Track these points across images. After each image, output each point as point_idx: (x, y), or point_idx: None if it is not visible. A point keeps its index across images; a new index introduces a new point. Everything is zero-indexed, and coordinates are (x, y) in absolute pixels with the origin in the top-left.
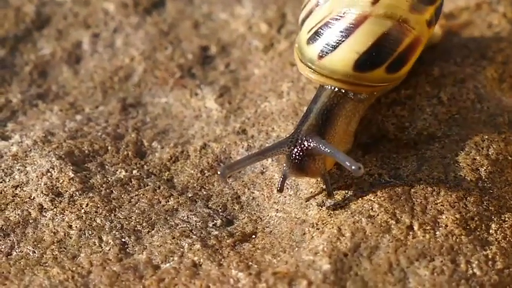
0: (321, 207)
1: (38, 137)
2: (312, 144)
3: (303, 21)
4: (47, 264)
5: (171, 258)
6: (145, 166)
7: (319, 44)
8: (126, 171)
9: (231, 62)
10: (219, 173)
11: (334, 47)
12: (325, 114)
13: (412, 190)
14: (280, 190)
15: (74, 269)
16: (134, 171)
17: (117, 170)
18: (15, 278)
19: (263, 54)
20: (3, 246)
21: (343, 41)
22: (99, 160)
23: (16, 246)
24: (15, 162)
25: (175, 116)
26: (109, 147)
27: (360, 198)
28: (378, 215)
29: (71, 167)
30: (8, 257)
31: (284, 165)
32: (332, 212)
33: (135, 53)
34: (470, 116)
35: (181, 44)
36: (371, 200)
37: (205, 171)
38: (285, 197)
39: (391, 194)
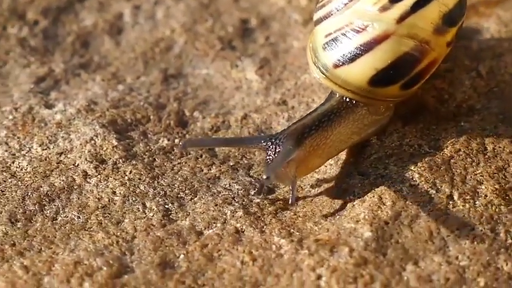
0: (362, 176)
1: (81, 106)
2: (278, 149)
3: (320, 20)
4: (91, 229)
5: (214, 224)
6: (187, 135)
7: (336, 53)
8: (169, 140)
9: (270, 35)
10: (180, 143)
11: (352, 60)
12: (327, 117)
13: (452, 161)
14: (258, 193)
15: (118, 234)
16: (176, 140)
17: (159, 139)
18: (60, 242)
19: (302, 28)
20: (48, 211)
21: (362, 55)
22: (142, 129)
23: (61, 212)
24: (59, 130)
25: (216, 87)
26: (151, 117)
27: (401, 168)
28: (418, 184)
29: (114, 135)
30: (54, 221)
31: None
32: (373, 181)
33: (175, 25)
34: (508, 90)
35: (221, 16)
36: (411, 169)
37: None
38: (326, 166)
39: (431, 164)
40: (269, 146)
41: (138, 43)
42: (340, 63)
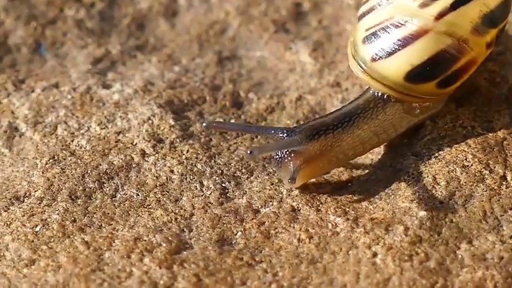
0: (416, 156)
1: (138, 86)
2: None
3: (363, 15)
4: (150, 206)
5: (271, 203)
6: (242, 116)
7: (375, 47)
8: (224, 120)
9: (323, 18)
10: (203, 124)
11: (389, 54)
12: (349, 117)
13: (505, 142)
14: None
15: (176, 211)
16: (232, 121)
17: (215, 119)
18: (120, 219)
19: (355, 11)
20: (107, 189)
21: (399, 50)
22: (198, 109)
23: (120, 189)
24: (117, 109)
25: (270, 69)
26: (207, 97)
27: (454, 149)
28: (471, 165)
29: (171, 115)
30: (113, 199)
31: None
32: (427, 162)
33: (230, 8)
34: None
35: (274, 0)
36: (465, 150)
37: (301, 122)
38: (380, 147)
39: (484, 145)
40: (283, 138)
41: (192, 25)
42: (378, 57)
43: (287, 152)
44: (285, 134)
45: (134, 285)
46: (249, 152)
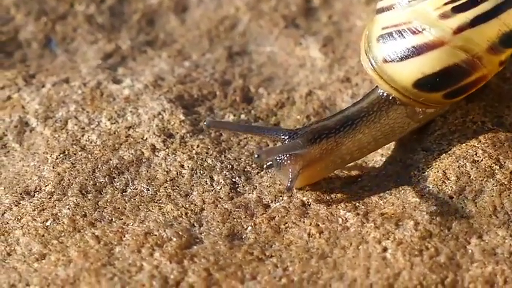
0: (426, 151)
1: (148, 81)
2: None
3: (381, 10)
4: (160, 201)
5: (281, 198)
6: (252, 111)
7: (388, 48)
8: (234, 115)
9: (333, 14)
10: (205, 123)
11: (402, 59)
12: (352, 120)
13: None
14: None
15: (187, 206)
16: (242, 116)
17: (225, 114)
18: (130, 214)
19: (365, 6)
20: (118, 184)
21: (413, 57)
22: (208, 104)
23: (130, 184)
24: (128, 104)
25: (280, 64)
26: (217, 93)
27: (464, 144)
28: (482, 160)
29: (182, 110)
30: (123, 193)
31: None
32: (437, 157)
33: (240, 4)
34: None
35: None
36: (475, 146)
37: (311, 117)
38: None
39: (494, 140)
40: (285, 140)
41: (202, 21)
42: (390, 59)
43: (287, 155)
44: (288, 136)
45: (144, 280)
46: (256, 155)
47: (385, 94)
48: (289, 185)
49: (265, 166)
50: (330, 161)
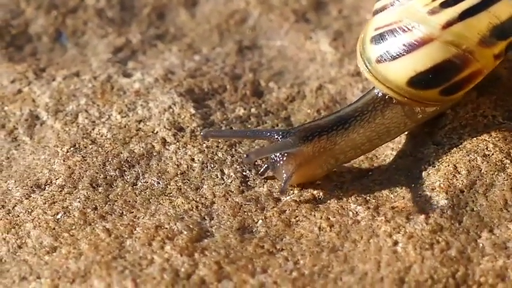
0: (437, 145)
1: (158, 75)
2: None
3: (376, 12)
4: (171, 194)
5: (291, 191)
6: (262, 105)
7: (380, 49)
8: (245, 109)
9: (343, 8)
10: (202, 134)
11: (394, 58)
12: (345, 119)
13: None
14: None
15: (197, 199)
16: (252, 109)
17: (235, 108)
18: (141, 207)
19: (375, 1)
20: (128, 177)
21: (404, 55)
22: (219, 98)
23: (141, 177)
24: (138, 98)
25: (290, 58)
26: (227, 86)
27: (475, 138)
28: (492, 154)
29: (192, 104)
30: (134, 187)
31: None
32: (448, 151)
33: None
34: None
35: None
36: (486, 140)
37: (322, 111)
38: (400, 136)
39: (505, 134)
40: (278, 140)
41: (213, 15)
42: (383, 60)
43: (280, 156)
44: (281, 136)
45: (155, 273)
46: (245, 156)
47: (380, 94)
48: (282, 186)
49: (260, 172)
50: (323, 161)
